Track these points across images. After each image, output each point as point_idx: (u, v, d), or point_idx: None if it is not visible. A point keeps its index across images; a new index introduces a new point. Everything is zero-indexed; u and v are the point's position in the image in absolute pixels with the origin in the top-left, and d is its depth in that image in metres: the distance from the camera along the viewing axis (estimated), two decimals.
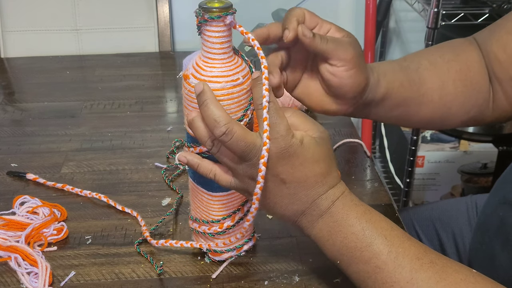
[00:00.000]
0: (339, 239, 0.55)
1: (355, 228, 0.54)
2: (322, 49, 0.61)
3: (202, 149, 0.59)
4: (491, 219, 0.72)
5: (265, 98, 0.54)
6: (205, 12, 0.55)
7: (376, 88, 0.67)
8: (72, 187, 0.80)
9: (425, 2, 1.27)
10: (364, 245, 0.53)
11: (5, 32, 1.30)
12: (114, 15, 1.32)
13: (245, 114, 0.59)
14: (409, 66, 0.71)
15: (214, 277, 0.64)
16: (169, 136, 0.95)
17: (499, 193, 0.73)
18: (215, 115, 0.53)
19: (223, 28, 0.56)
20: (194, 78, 0.57)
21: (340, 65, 0.63)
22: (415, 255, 0.52)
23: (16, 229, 0.70)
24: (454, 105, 0.73)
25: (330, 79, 0.64)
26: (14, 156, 0.89)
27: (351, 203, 0.56)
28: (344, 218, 0.55)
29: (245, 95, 0.58)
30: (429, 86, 0.71)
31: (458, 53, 0.74)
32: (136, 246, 0.69)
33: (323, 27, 0.64)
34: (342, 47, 0.62)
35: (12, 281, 0.64)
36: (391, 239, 0.54)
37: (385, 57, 1.59)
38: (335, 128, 0.98)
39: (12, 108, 1.06)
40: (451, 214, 0.89)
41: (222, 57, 0.57)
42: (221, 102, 0.56)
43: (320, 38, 0.61)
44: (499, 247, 0.69)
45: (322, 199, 0.56)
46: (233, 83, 0.57)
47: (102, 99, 1.09)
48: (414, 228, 0.92)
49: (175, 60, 1.30)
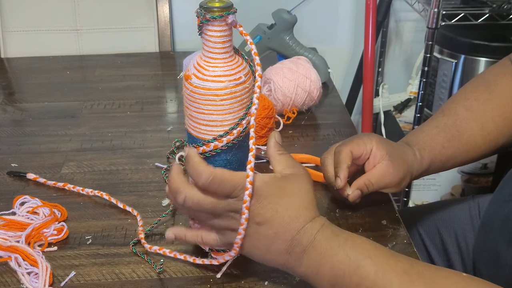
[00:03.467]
0: (327, 270, 0.55)
1: (339, 256, 0.55)
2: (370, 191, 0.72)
3: (205, 149, 0.59)
4: (496, 217, 0.73)
5: None
6: (207, 12, 0.55)
7: (420, 164, 0.76)
8: (74, 185, 0.80)
9: (425, 2, 1.27)
10: (352, 270, 0.54)
11: (5, 32, 1.30)
12: (114, 15, 1.32)
13: (248, 112, 0.59)
14: (446, 123, 0.78)
15: (218, 276, 0.64)
16: (169, 136, 0.95)
17: (504, 191, 0.73)
18: None
19: (225, 27, 0.56)
20: (196, 78, 0.57)
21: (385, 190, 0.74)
22: (402, 270, 0.53)
23: (16, 229, 0.70)
24: (500, 138, 0.78)
25: None
26: (14, 156, 0.89)
27: (332, 234, 0.56)
28: (328, 249, 0.55)
29: (247, 94, 0.59)
30: (469, 133, 0.77)
31: (493, 89, 0.78)
32: (132, 247, 0.69)
33: (366, 149, 0.72)
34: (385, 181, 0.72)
35: (12, 281, 0.64)
36: (376, 258, 0.54)
37: (385, 57, 1.59)
38: (335, 128, 0.98)
39: (12, 108, 1.06)
40: (453, 214, 0.89)
41: (224, 57, 0.57)
42: (224, 101, 0.56)
43: (366, 189, 0.72)
44: (504, 245, 0.69)
45: (301, 234, 0.56)
46: (236, 82, 0.57)
47: (102, 99, 1.09)
48: (416, 228, 0.92)
49: (175, 60, 1.30)
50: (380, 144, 0.73)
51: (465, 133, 0.77)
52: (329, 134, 0.96)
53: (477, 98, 0.79)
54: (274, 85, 0.98)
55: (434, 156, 0.77)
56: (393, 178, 0.72)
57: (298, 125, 0.98)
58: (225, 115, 0.58)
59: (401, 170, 0.73)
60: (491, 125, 0.77)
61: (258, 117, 0.89)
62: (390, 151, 0.73)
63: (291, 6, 1.11)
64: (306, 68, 0.98)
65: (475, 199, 0.90)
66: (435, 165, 0.77)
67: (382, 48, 1.57)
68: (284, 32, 1.10)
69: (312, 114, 1.02)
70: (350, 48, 1.55)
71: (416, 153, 0.76)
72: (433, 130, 0.78)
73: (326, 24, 1.49)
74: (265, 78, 1.01)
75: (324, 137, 0.95)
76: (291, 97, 0.97)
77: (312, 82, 0.98)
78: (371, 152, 0.73)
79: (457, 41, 1.35)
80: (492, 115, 0.77)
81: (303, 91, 0.97)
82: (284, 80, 0.97)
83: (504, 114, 0.77)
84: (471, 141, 0.77)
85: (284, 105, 0.99)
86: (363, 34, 1.41)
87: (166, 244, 0.70)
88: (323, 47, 1.38)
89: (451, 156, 0.77)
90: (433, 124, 0.79)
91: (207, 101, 0.58)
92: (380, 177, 0.72)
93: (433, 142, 0.77)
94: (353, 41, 1.53)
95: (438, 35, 1.23)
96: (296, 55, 1.12)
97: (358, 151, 0.72)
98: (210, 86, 0.57)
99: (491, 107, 0.78)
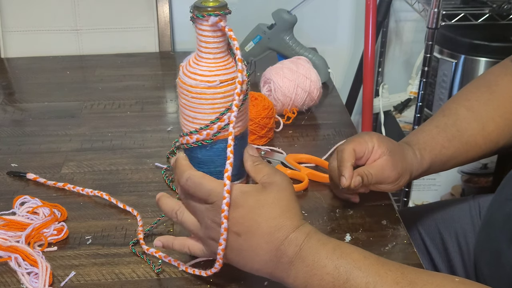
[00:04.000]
0: (315, 282, 0.54)
1: (328, 268, 0.53)
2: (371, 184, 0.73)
3: (199, 138, 0.59)
4: (497, 216, 0.73)
5: None
6: (194, 10, 0.56)
7: (421, 164, 0.76)
8: (74, 185, 0.80)
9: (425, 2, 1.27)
10: (341, 282, 0.52)
11: (5, 32, 1.30)
12: (114, 15, 1.32)
13: (220, 118, 0.58)
14: (446, 123, 0.78)
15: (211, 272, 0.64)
16: (169, 136, 0.95)
17: (506, 189, 0.74)
18: None
19: (208, 28, 0.56)
20: (181, 71, 0.59)
21: (383, 186, 0.74)
22: (393, 280, 0.52)
23: (16, 229, 0.70)
24: (500, 139, 0.78)
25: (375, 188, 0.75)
26: (14, 156, 0.89)
27: (319, 244, 0.55)
28: (316, 260, 0.54)
29: (221, 99, 0.58)
30: (470, 133, 0.77)
31: (494, 90, 0.79)
32: (132, 247, 0.69)
33: (368, 147, 0.73)
34: (383, 175, 0.72)
35: (12, 281, 0.64)
36: (366, 269, 0.53)
37: (385, 57, 1.59)
38: (335, 128, 0.98)
39: (12, 108, 1.06)
40: (454, 214, 0.89)
41: (207, 57, 0.58)
42: (193, 100, 0.57)
43: (366, 178, 0.71)
44: (506, 244, 0.69)
45: (285, 245, 0.55)
46: (208, 84, 0.57)
47: (102, 99, 1.09)
48: (417, 228, 0.92)
49: (175, 60, 1.30)
50: (381, 142, 0.73)
51: (466, 133, 0.77)
52: (329, 134, 0.96)
53: (478, 98, 0.79)
54: (274, 85, 0.98)
55: (435, 156, 0.77)
56: (391, 173, 0.72)
57: (298, 125, 0.98)
58: (195, 113, 0.59)
59: (399, 166, 0.73)
60: (492, 125, 0.77)
61: (258, 117, 0.89)
62: (390, 147, 0.73)
63: (291, 6, 1.11)
64: (306, 68, 0.98)
65: (476, 199, 0.90)
66: (436, 165, 0.77)
67: (382, 48, 1.57)
68: (284, 32, 1.10)
69: (312, 114, 1.02)
70: (350, 48, 1.55)
71: (416, 153, 0.76)
72: (434, 130, 0.78)
73: (326, 24, 1.49)
74: (265, 78, 1.01)
75: (324, 137, 0.95)
76: (291, 97, 0.97)
77: (312, 82, 0.98)
78: (373, 150, 0.73)
79: (457, 41, 1.35)
80: (493, 115, 0.77)
81: (303, 91, 0.97)
82: (284, 80, 0.97)
83: (505, 115, 0.77)
84: (471, 141, 0.77)
85: (284, 105, 0.99)
86: (363, 34, 1.41)
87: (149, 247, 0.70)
88: (323, 47, 1.38)
89: (452, 156, 0.77)
90: (433, 124, 0.79)
91: (182, 94, 0.59)
92: (379, 169, 0.72)
93: (433, 142, 0.77)
94: (353, 41, 1.53)
95: (438, 35, 1.23)
96: (296, 55, 1.12)
97: (361, 149, 0.72)
98: (185, 81, 0.58)
99: (492, 108, 0.78)
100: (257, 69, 1.16)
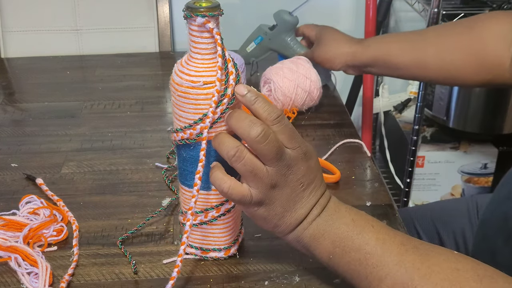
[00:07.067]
0: (333, 231, 0.57)
1: (346, 219, 0.58)
2: None
3: (184, 136, 0.60)
4: (495, 215, 0.73)
5: None
6: (185, 9, 0.56)
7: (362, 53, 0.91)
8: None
9: (425, 2, 1.27)
10: (355, 233, 0.56)
11: (5, 32, 1.30)
12: (114, 15, 1.32)
13: (203, 119, 0.58)
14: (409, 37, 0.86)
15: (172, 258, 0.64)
16: (169, 136, 0.95)
17: (504, 188, 0.74)
18: None
19: (196, 28, 0.56)
20: (175, 68, 0.60)
21: None
22: (400, 241, 0.56)
23: (16, 229, 0.70)
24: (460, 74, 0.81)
25: None
26: (14, 156, 0.89)
27: (339, 201, 0.61)
28: (336, 211, 0.59)
29: (203, 100, 0.58)
30: (423, 54, 0.83)
31: (472, 26, 0.80)
32: (119, 243, 0.70)
33: None
34: None
35: (12, 281, 0.64)
36: (377, 227, 0.57)
37: None
38: (335, 128, 0.98)
39: (12, 108, 1.06)
40: (451, 214, 0.90)
41: (196, 57, 0.58)
42: (179, 98, 0.58)
43: None
44: (502, 243, 0.69)
45: (323, 198, 0.59)
46: (192, 84, 0.57)
47: (102, 99, 1.09)
48: (415, 228, 0.92)
49: (175, 60, 1.29)
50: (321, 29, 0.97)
51: (420, 50, 0.82)
52: (329, 134, 0.96)
53: (453, 28, 0.82)
54: (274, 85, 0.98)
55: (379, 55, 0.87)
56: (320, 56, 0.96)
57: (298, 125, 0.98)
58: (181, 112, 0.59)
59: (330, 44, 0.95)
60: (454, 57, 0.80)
61: None
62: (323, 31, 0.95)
63: (292, 7, 1.11)
64: (306, 68, 0.99)
65: (473, 199, 0.90)
66: (379, 64, 0.88)
67: None
68: (285, 33, 1.10)
69: (312, 114, 1.02)
70: None
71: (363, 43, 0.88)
72: (393, 38, 0.87)
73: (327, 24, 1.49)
74: (265, 78, 1.01)
75: (324, 137, 0.95)
76: (291, 97, 0.97)
77: (312, 82, 0.98)
78: None
79: None
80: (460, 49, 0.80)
81: (303, 91, 0.97)
82: (284, 80, 0.97)
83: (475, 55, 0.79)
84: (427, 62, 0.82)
85: (284, 105, 0.99)
86: (363, 34, 1.41)
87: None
88: None
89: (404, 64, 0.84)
90: (400, 34, 0.87)
91: (171, 91, 0.60)
92: None
93: (385, 45, 0.85)
94: None
95: None
96: None
97: None
98: (174, 78, 0.59)
99: (462, 43, 0.80)
100: (258, 70, 1.16)
